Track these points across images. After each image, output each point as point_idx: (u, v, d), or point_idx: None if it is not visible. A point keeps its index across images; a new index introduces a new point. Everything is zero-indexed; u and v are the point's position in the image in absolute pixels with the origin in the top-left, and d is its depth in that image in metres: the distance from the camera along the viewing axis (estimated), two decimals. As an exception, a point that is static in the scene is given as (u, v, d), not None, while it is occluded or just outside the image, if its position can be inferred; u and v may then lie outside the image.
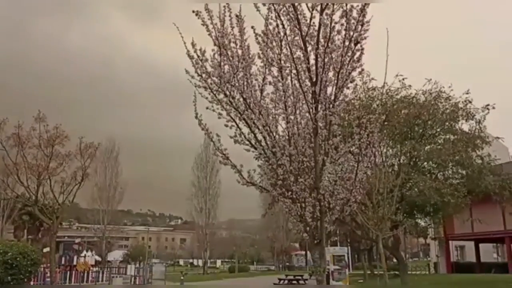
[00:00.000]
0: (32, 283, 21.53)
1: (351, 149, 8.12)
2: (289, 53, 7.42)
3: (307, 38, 7.21)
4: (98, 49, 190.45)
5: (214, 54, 7.50)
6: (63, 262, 34.69)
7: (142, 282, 31.09)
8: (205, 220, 56.81)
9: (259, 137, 7.90)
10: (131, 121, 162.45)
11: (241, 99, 7.75)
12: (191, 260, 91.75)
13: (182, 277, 25.62)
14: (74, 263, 35.59)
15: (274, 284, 26.00)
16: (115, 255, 69.29)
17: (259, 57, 7.56)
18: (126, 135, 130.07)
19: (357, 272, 41.10)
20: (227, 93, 7.65)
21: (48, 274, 23.80)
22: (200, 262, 68.38)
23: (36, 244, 43.26)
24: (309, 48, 7.26)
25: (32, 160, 19.15)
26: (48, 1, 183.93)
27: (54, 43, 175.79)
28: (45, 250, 34.05)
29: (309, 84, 7.45)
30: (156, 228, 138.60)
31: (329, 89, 7.54)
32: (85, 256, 38.68)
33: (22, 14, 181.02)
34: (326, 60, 7.18)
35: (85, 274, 31.83)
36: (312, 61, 7.31)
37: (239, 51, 7.51)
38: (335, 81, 7.39)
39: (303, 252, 71.63)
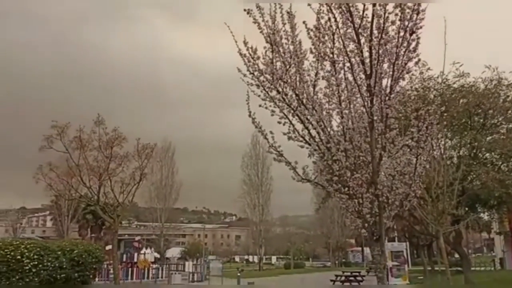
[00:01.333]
0: (96, 279, 22.48)
1: (408, 143, 7.88)
2: (342, 47, 7.28)
3: (360, 30, 7.04)
4: (141, 52, 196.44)
5: (266, 51, 7.49)
6: (124, 259, 36.00)
7: (200, 279, 31.72)
8: (258, 216, 57.21)
9: (313, 133, 7.82)
10: (179, 121, 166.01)
11: (294, 96, 7.70)
12: (246, 257, 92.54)
13: (238, 274, 25.87)
14: (135, 260, 36.87)
15: (331, 280, 25.73)
16: (173, 252, 71.15)
17: (311, 52, 7.47)
18: (177, 135, 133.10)
19: (416, 268, 39.98)
20: (280, 89, 7.62)
21: (111, 271, 24.78)
22: (256, 259, 68.90)
23: (98, 242, 45.08)
24: (363, 40, 7.09)
25: (93, 161, 19.91)
26: (90, 9, 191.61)
27: (100, 49, 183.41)
28: (107, 247, 35.46)
29: (363, 77, 7.29)
30: (211, 225, 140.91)
31: (384, 81, 7.35)
32: (144, 254, 39.95)
33: (68, 24, 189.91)
34: (380, 51, 6.99)
35: (146, 271, 32.92)
36: (366, 54, 7.14)
37: (291, 47, 7.45)
38: (391, 73, 7.18)
39: (360, 248, 70.55)
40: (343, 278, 25.80)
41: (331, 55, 7.37)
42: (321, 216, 66.59)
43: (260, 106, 7.83)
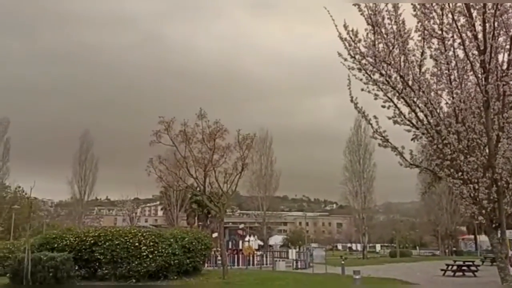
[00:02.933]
0: (206, 265, 23.60)
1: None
2: (451, 22, 6.79)
3: (471, 3, 6.52)
4: (226, 45, 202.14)
5: (367, 33, 7.23)
6: (230, 246, 37.37)
7: (304, 266, 31.91)
8: (361, 204, 56.04)
9: (421, 116, 7.44)
10: (269, 110, 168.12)
11: (398, 78, 7.36)
12: (349, 245, 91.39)
13: (342, 262, 25.59)
14: (240, 247, 38.13)
15: (442, 270, 24.42)
16: (275, 240, 72.32)
17: (416, 30, 7.07)
18: (268, 124, 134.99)
19: (539, 258, 36.56)
20: (383, 72, 7.33)
21: (219, 258, 25.86)
22: (359, 247, 67.75)
23: (205, 229, 47.24)
24: (475, 14, 6.56)
25: (198, 153, 20.79)
26: (175, 10, 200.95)
27: (186, 46, 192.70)
28: (214, 235, 37.05)
29: (476, 53, 6.76)
30: (312, 213, 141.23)
31: (500, 56, 6.75)
32: (249, 241, 41.08)
33: (155, 25, 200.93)
34: (495, 24, 6.42)
35: (251, 258, 33.91)
36: (478, 27, 6.60)
37: (394, 27, 7.11)
38: (508, 47, 6.57)
39: (472, 236, 66.25)
40: (454, 267, 24.35)
41: (439, 32, 6.90)
42: (427, 202, 63.43)
43: (362, 90, 7.61)
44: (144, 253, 17.36)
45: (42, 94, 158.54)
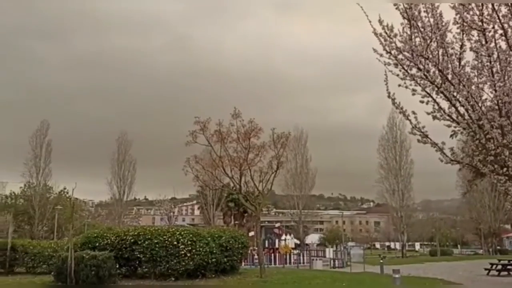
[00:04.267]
0: (243, 264, 23.71)
1: None
2: (491, 12, 6.54)
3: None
4: (253, 46, 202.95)
5: (403, 28, 7.05)
6: (266, 245, 37.46)
7: (341, 265, 31.62)
8: (399, 202, 55.01)
9: (461, 110, 7.19)
10: (300, 109, 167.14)
11: (437, 72, 7.15)
12: (387, 243, 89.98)
13: (381, 260, 25.21)
14: (276, 246, 38.17)
15: (485, 269, 23.65)
16: (312, 239, 72.05)
17: (455, 22, 6.84)
18: (301, 122, 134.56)
19: None
20: (421, 67, 7.12)
21: (256, 256, 25.94)
22: (398, 245, 66.57)
23: (241, 228, 47.47)
24: (518, 3, 6.31)
25: (233, 153, 20.91)
26: (201, 12, 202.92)
27: (214, 47, 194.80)
28: (250, 234, 37.21)
29: (520, 43, 6.49)
30: (348, 212, 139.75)
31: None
32: (285, 240, 41.07)
33: (183, 28, 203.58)
34: (540, 13, 6.15)
35: (287, 257, 33.89)
36: (522, 17, 6.34)
37: (431, 20, 6.90)
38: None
39: (517, 234, 63.95)
40: (499, 267, 23.54)
41: (479, 23, 6.65)
42: (469, 200, 61.59)
43: (399, 85, 7.44)
44: (182, 252, 17.60)
45: (79, 98, 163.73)
